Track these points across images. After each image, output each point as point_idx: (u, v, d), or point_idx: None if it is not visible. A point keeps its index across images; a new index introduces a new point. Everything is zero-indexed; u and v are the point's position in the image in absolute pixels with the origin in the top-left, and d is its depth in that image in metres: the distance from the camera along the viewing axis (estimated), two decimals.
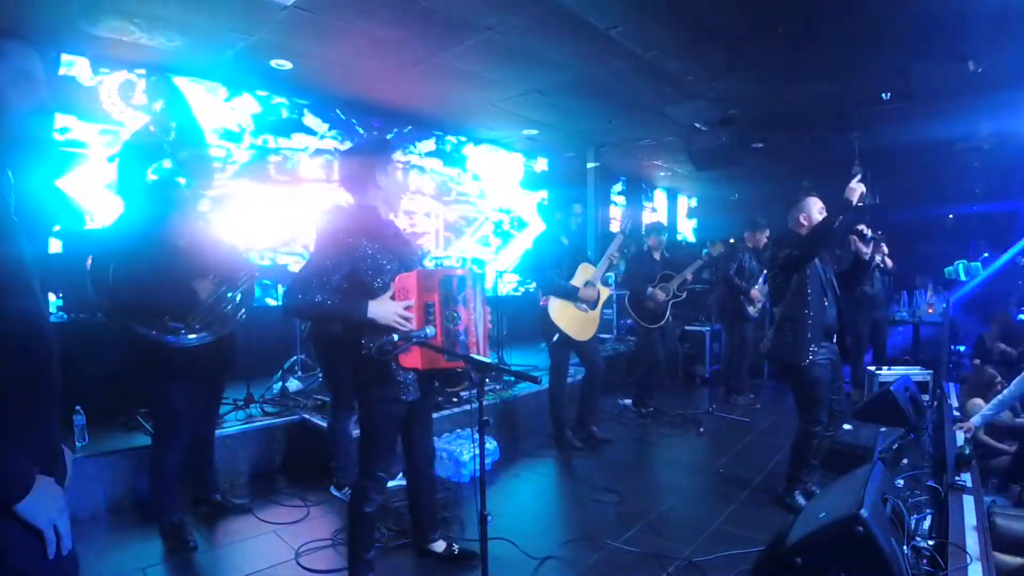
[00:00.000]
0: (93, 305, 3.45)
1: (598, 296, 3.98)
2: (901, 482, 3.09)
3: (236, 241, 3.10)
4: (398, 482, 2.96)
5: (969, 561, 2.11)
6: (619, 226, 4.15)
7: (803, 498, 3.02)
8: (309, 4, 3.61)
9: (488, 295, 2.47)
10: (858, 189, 2.83)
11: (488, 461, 3.61)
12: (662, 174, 9.51)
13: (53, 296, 3.81)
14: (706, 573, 2.41)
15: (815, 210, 3.01)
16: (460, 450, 3.46)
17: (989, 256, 8.75)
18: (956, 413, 4.23)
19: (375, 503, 2.12)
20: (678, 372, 6.40)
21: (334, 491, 3.17)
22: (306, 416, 3.60)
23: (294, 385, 4.13)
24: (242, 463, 3.38)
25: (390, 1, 3.60)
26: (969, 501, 2.61)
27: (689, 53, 4.46)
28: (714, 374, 6.13)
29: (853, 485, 2.12)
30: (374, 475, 2.11)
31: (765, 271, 5.04)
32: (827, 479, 3.08)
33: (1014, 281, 8.86)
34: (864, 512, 1.84)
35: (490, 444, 3.69)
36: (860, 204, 2.91)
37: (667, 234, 5.24)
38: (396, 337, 1.93)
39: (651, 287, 4.75)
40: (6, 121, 1.02)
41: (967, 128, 6.25)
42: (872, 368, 5.07)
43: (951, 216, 11.12)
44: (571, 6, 3.66)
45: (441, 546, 2.52)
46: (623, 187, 9.79)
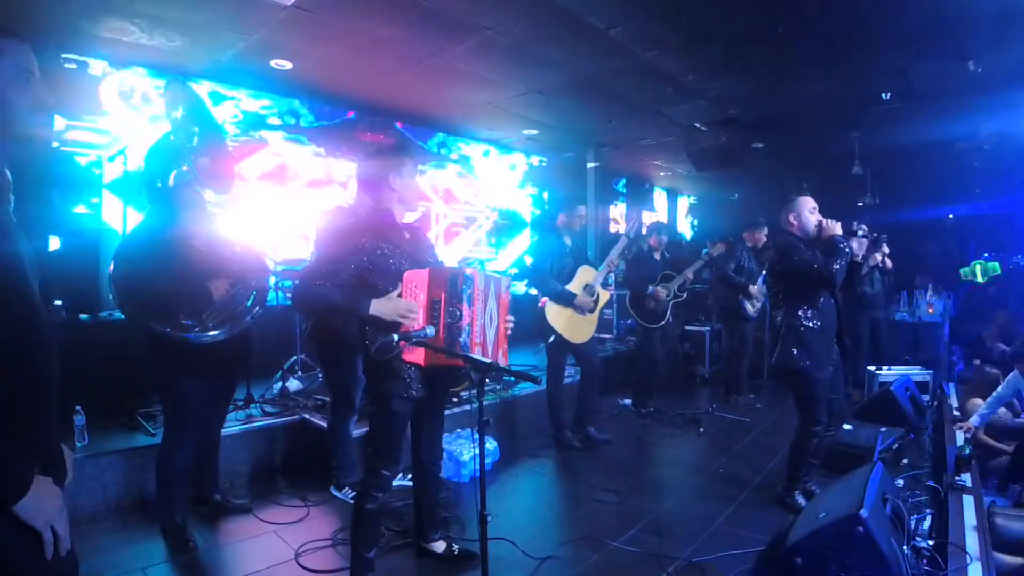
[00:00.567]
0: (109, 305, 3.48)
1: (596, 301, 3.98)
2: (901, 482, 3.09)
3: (254, 242, 3.15)
4: (402, 481, 2.96)
5: (969, 561, 2.12)
6: (624, 229, 4.13)
7: (803, 498, 3.02)
8: (309, 4, 3.61)
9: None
10: (835, 227, 2.86)
11: (488, 461, 3.61)
12: (662, 174, 9.50)
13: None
14: (706, 573, 2.41)
15: (805, 210, 2.98)
16: (460, 450, 3.46)
17: (989, 256, 8.73)
18: (956, 413, 4.24)
19: (377, 501, 2.12)
20: (678, 372, 6.40)
21: (334, 491, 3.16)
22: (306, 416, 3.59)
23: (294, 385, 4.12)
24: (242, 463, 3.37)
25: (390, 1, 3.60)
26: (969, 501, 2.61)
27: (689, 53, 4.45)
28: (714, 374, 6.13)
29: (853, 485, 2.13)
30: (377, 472, 2.11)
31: (764, 271, 5.03)
32: (827, 479, 3.09)
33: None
34: (864, 512, 1.85)
35: (490, 444, 3.69)
36: (858, 232, 2.94)
37: (667, 234, 5.24)
38: (396, 337, 1.95)
39: (652, 286, 4.75)
40: (5, 119, 1.01)
41: (967, 128, 6.24)
42: (872, 368, 5.07)
43: (951, 216, 11.11)
44: (571, 6, 3.66)
45: (441, 546, 2.52)
46: (624, 187, 9.78)
